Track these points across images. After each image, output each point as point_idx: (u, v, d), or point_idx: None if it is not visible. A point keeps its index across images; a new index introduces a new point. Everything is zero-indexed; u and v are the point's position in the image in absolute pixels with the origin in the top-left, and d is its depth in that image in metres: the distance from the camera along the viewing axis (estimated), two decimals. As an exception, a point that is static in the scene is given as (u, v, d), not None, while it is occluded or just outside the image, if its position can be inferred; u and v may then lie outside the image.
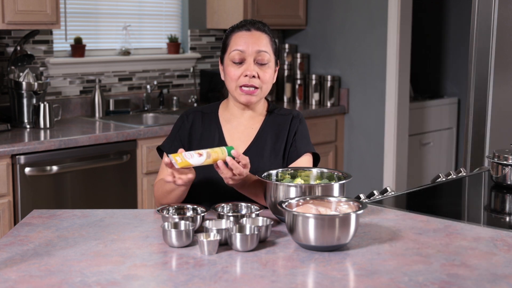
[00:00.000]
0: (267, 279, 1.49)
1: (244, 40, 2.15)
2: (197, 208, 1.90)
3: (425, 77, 5.88)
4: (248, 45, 2.14)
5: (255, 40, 2.15)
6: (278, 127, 2.23)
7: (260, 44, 2.15)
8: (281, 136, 2.21)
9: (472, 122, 3.24)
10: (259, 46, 2.14)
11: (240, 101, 2.17)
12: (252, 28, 2.17)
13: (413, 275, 1.52)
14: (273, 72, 2.19)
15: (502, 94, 3.16)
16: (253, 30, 2.17)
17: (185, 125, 2.25)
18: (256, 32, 2.17)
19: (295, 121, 2.23)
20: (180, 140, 2.24)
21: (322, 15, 4.92)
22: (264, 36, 2.17)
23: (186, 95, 4.69)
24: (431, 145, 5.43)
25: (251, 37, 2.15)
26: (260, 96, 2.18)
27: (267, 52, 2.15)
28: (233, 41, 2.16)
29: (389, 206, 2.15)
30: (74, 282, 1.48)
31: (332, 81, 4.83)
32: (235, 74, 2.14)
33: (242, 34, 2.16)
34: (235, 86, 2.15)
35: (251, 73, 2.12)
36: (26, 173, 3.29)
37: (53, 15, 3.63)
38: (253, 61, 2.14)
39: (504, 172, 2.39)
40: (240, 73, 2.14)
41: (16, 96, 3.70)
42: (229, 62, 2.16)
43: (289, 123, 2.23)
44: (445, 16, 5.75)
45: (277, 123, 2.23)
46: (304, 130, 2.24)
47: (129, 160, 3.66)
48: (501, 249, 1.70)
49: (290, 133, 2.22)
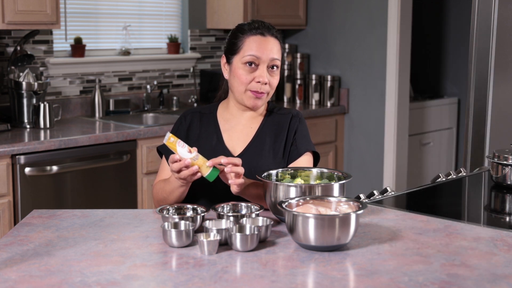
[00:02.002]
0: (267, 279, 1.49)
1: (259, 46, 2.14)
2: (197, 208, 1.90)
3: (425, 77, 5.88)
4: (263, 51, 2.14)
5: (271, 47, 2.16)
6: (278, 127, 2.23)
7: (274, 51, 2.16)
8: (280, 135, 2.21)
9: (472, 122, 3.24)
10: (273, 54, 2.15)
11: (246, 104, 2.17)
12: (267, 34, 2.17)
13: (413, 275, 1.52)
14: (279, 77, 2.21)
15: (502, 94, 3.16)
16: (268, 35, 2.17)
17: (182, 126, 2.25)
18: (271, 38, 2.17)
19: (295, 120, 2.23)
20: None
21: (322, 15, 4.92)
22: (276, 43, 2.19)
23: (186, 95, 4.69)
24: (431, 145, 5.43)
25: (266, 43, 2.15)
26: (265, 100, 2.19)
27: (279, 59, 2.17)
28: (247, 45, 2.15)
29: (389, 206, 2.15)
30: (74, 282, 1.48)
31: (332, 81, 4.83)
32: (247, 78, 2.14)
33: (257, 39, 2.16)
34: (244, 89, 2.15)
35: (264, 80, 2.13)
36: (26, 173, 3.29)
37: (53, 15, 3.63)
38: (266, 68, 2.15)
39: (504, 172, 2.39)
40: (251, 78, 2.14)
41: (16, 96, 3.70)
42: (240, 65, 2.15)
43: (288, 122, 2.23)
44: (445, 16, 5.75)
45: (277, 122, 2.23)
46: (304, 129, 2.24)
47: (129, 160, 3.66)
48: (501, 249, 1.70)
49: (289, 132, 2.22)
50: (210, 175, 1.92)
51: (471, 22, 3.20)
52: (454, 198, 2.48)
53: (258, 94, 2.14)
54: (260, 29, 2.17)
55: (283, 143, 2.21)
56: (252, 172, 2.11)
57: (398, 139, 4.66)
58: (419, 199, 2.38)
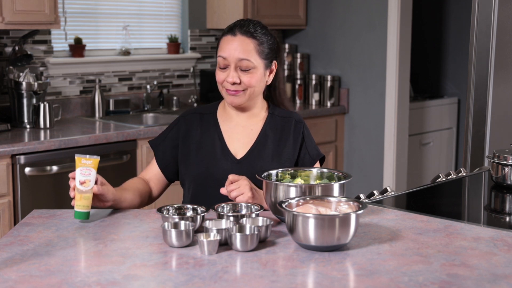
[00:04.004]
0: (267, 279, 1.49)
1: (228, 46, 2.15)
2: (197, 208, 1.90)
3: (425, 77, 5.88)
4: (230, 52, 2.14)
5: (237, 47, 2.13)
6: (280, 130, 2.23)
7: (242, 51, 2.13)
8: (283, 140, 2.22)
9: (472, 122, 3.24)
10: (240, 54, 2.13)
11: (227, 102, 2.20)
12: (238, 33, 2.15)
13: (413, 275, 1.52)
14: (260, 76, 2.17)
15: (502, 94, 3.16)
16: (238, 34, 2.15)
17: (179, 126, 2.26)
18: (241, 37, 2.14)
19: (299, 126, 2.25)
20: (169, 140, 2.26)
21: (322, 15, 4.92)
22: (248, 41, 2.14)
23: (186, 95, 4.69)
24: (431, 145, 5.43)
25: (234, 43, 2.14)
26: (245, 98, 2.18)
27: (249, 59, 2.13)
28: (220, 46, 2.18)
29: (389, 206, 2.15)
30: (74, 282, 1.48)
31: (332, 81, 4.83)
32: (220, 78, 2.17)
33: (227, 39, 2.16)
34: (221, 88, 2.19)
35: (232, 80, 2.14)
36: (26, 173, 3.29)
37: (52, 15, 3.63)
38: (234, 68, 2.14)
39: (504, 172, 2.39)
40: (224, 78, 2.16)
41: (16, 96, 3.70)
42: (217, 65, 2.19)
43: (292, 128, 2.24)
44: (445, 16, 5.75)
45: (278, 125, 2.24)
46: (309, 135, 2.27)
47: (129, 160, 3.66)
48: (501, 249, 1.70)
49: (296, 139, 2.23)
50: (76, 213, 1.95)
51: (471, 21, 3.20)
52: (454, 198, 2.48)
53: (232, 92, 2.16)
54: (234, 28, 2.17)
55: (290, 149, 2.21)
56: (254, 176, 2.11)
57: (398, 139, 4.66)
58: (419, 199, 2.38)
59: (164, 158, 2.25)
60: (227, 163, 2.17)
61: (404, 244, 1.75)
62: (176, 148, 2.24)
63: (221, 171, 2.15)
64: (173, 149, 2.25)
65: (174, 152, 2.25)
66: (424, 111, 5.33)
